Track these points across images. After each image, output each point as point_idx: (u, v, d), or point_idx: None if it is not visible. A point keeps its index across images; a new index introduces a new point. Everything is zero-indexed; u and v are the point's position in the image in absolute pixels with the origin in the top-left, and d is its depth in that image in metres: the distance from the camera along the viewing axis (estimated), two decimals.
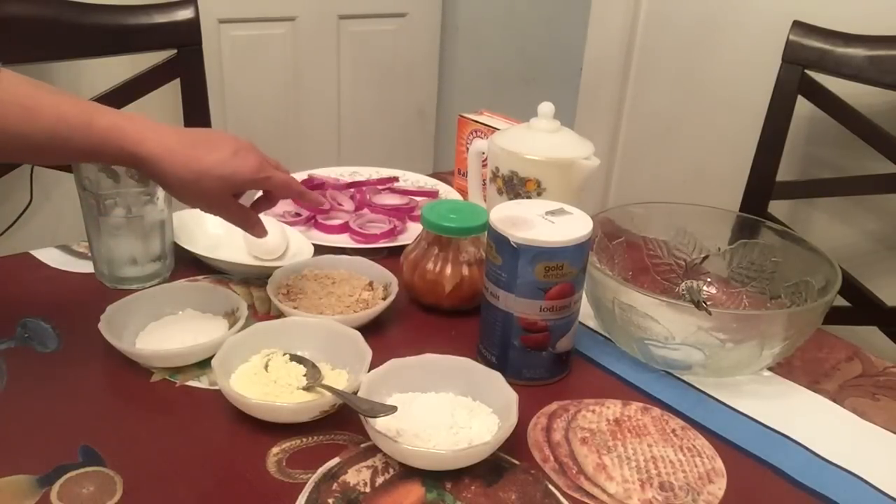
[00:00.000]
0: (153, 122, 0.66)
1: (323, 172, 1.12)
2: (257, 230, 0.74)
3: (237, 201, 0.71)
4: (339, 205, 1.02)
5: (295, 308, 0.74)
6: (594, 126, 1.70)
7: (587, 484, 0.57)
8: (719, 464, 0.60)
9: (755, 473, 0.60)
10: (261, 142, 0.70)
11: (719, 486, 0.58)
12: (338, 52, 2.14)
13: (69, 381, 0.65)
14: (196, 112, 1.17)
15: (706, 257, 0.82)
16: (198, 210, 0.92)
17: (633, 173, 1.71)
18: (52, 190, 1.79)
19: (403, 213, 1.01)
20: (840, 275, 0.69)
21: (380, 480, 0.56)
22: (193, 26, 1.13)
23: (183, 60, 1.14)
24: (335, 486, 0.56)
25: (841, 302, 1.11)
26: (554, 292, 0.64)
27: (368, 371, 0.62)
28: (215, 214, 0.72)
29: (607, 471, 0.59)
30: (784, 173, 1.15)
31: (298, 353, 0.67)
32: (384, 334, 0.75)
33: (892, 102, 1.14)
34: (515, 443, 0.59)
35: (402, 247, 0.84)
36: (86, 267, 0.83)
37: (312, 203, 0.78)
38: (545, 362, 0.68)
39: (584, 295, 0.69)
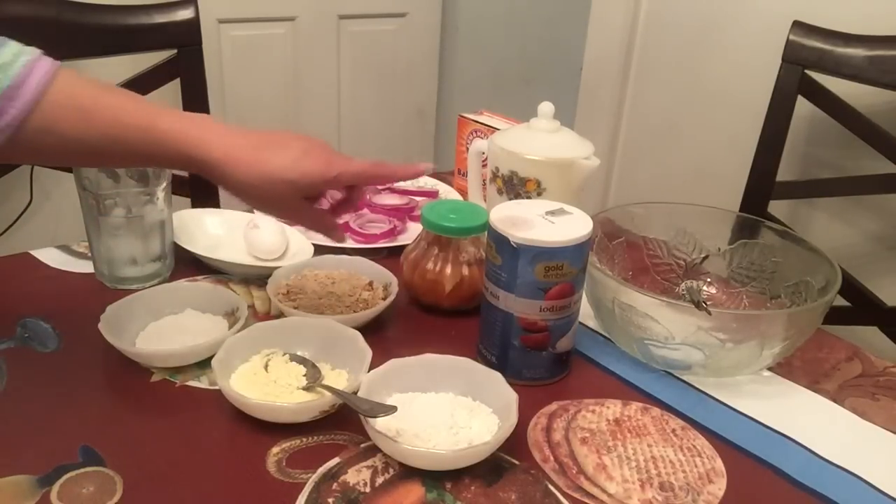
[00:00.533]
0: (219, 125, 0.62)
1: None
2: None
3: (311, 205, 0.66)
4: None
5: (295, 308, 0.74)
6: (594, 126, 1.70)
7: (587, 484, 0.57)
8: (719, 464, 0.60)
9: (755, 473, 0.60)
10: None
11: (719, 486, 0.58)
12: (338, 52, 2.14)
13: (69, 381, 0.65)
14: (196, 112, 1.17)
15: (706, 257, 0.82)
16: (198, 210, 0.93)
17: (633, 173, 1.71)
18: (52, 190, 1.79)
19: (403, 213, 1.01)
20: (840, 275, 0.69)
21: (380, 480, 0.56)
22: (193, 26, 1.13)
23: (183, 60, 1.14)
24: (335, 486, 0.56)
25: (841, 302, 1.11)
26: (554, 292, 0.64)
27: (368, 371, 0.62)
28: (287, 219, 0.67)
29: (607, 471, 0.59)
30: (784, 173, 1.15)
31: (298, 353, 0.67)
32: (384, 334, 0.75)
33: (892, 102, 1.14)
34: (515, 443, 0.59)
35: (402, 247, 0.84)
36: (86, 267, 0.83)
37: (411, 175, 0.67)
38: (545, 362, 0.68)
39: (584, 295, 0.69)
